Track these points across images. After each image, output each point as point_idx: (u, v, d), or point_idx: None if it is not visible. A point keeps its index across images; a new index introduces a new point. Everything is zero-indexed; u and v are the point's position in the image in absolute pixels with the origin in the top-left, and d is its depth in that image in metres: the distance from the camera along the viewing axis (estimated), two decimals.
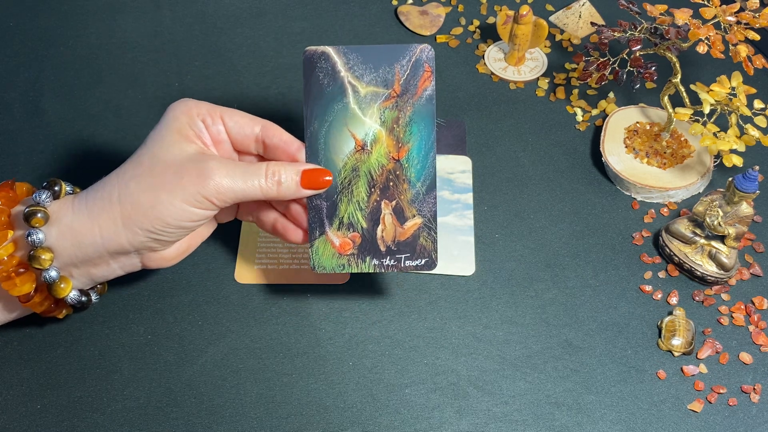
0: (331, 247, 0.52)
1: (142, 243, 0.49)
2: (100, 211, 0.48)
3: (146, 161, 0.48)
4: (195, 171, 0.47)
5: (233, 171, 0.48)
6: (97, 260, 0.50)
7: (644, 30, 0.65)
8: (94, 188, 0.49)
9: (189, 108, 0.50)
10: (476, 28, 0.80)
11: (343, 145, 0.51)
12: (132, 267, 0.52)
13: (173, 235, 0.49)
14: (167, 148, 0.49)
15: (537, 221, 0.64)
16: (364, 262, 0.53)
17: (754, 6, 0.61)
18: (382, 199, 0.52)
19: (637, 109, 0.71)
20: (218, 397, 0.54)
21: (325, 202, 0.51)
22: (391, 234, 0.52)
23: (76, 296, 0.51)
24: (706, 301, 0.59)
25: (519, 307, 0.59)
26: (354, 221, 0.52)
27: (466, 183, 0.66)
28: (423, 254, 0.53)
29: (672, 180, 0.65)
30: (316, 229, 0.52)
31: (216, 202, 0.48)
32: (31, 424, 0.52)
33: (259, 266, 0.60)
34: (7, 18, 0.80)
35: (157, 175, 0.48)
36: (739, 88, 0.60)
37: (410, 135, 0.51)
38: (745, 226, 0.58)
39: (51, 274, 0.48)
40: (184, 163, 0.48)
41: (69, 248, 0.48)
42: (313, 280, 0.60)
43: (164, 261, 0.52)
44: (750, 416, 0.53)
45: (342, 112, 0.51)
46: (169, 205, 0.47)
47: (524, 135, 0.70)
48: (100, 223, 0.48)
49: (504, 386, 0.55)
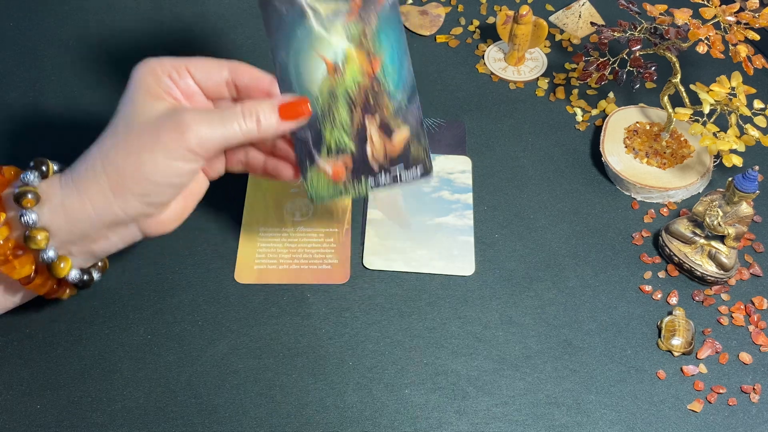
0: (324, 177, 0.51)
1: (136, 209, 0.48)
2: (88, 184, 0.47)
3: (121, 127, 0.48)
4: (171, 126, 0.47)
5: (210, 119, 0.47)
6: (95, 235, 0.49)
7: (644, 30, 0.65)
8: (78, 164, 0.49)
9: (152, 67, 0.49)
10: (476, 28, 0.80)
11: (314, 71, 0.50)
12: (132, 237, 0.51)
13: (165, 194, 0.48)
14: (139, 110, 0.48)
15: (537, 221, 0.64)
16: (360, 184, 0.52)
17: (754, 6, 0.61)
18: (366, 117, 0.51)
19: (637, 109, 0.71)
20: (218, 397, 0.54)
21: (309, 132, 0.50)
22: (382, 150, 0.52)
23: (77, 275, 0.50)
24: (706, 301, 0.59)
25: (519, 307, 0.59)
26: (342, 145, 0.51)
27: (466, 183, 0.66)
28: (417, 163, 0.52)
29: (672, 180, 0.65)
30: (306, 161, 0.51)
31: (200, 152, 0.47)
32: (31, 424, 0.52)
33: (259, 266, 0.60)
34: (7, 18, 0.80)
35: (134, 138, 0.47)
36: (739, 88, 0.60)
37: (380, 46, 0.50)
38: (744, 226, 0.58)
39: (49, 254, 0.48)
40: (159, 121, 0.47)
41: (64, 226, 0.48)
42: (312, 280, 0.60)
43: (163, 226, 0.51)
44: (750, 416, 0.53)
45: (306, 37, 0.49)
46: (153, 165, 0.46)
47: (524, 135, 0.70)
48: (90, 196, 0.47)
49: (503, 386, 0.55)
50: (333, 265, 0.61)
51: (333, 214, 0.63)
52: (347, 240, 0.62)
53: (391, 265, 0.61)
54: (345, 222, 0.63)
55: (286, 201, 0.64)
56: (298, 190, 0.65)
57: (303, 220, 0.63)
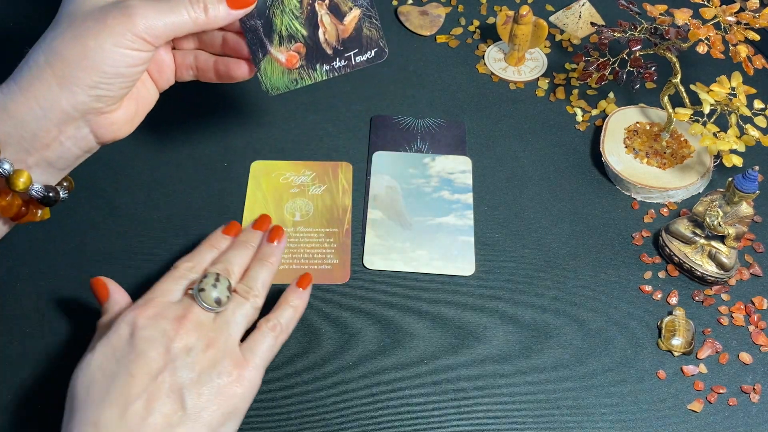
0: (278, 65, 0.51)
1: (84, 103, 0.46)
2: (31, 80, 0.45)
3: (64, 20, 0.46)
4: (118, 12, 0.45)
5: (158, 5, 0.46)
6: (45, 137, 0.46)
7: (644, 30, 0.65)
8: (19, 67, 0.47)
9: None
10: (476, 29, 0.80)
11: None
12: (85, 142, 0.48)
13: (114, 86, 0.46)
14: (82, 3, 0.46)
15: (537, 221, 0.64)
16: (315, 71, 0.52)
17: (754, 6, 0.61)
18: (315, 0, 0.50)
19: (637, 109, 0.71)
20: None
21: (259, 20, 0.50)
22: (334, 34, 0.51)
23: (40, 189, 0.48)
24: (706, 301, 0.59)
25: (519, 307, 0.59)
26: (293, 31, 0.51)
27: (466, 183, 0.66)
28: (371, 45, 0.52)
29: (672, 180, 0.65)
30: (258, 51, 0.51)
31: (149, 39, 0.46)
32: (31, 424, 0.52)
33: None
34: (7, 18, 0.79)
35: (78, 26, 0.45)
36: (739, 88, 0.60)
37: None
38: (745, 226, 0.58)
39: (4, 167, 0.46)
40: (104, 9, 0.46)
41: (12, 132, 0.46)
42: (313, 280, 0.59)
43: (116, 128, 0.49)
44: (750, 416, 0.53)
45: None
46: (100, 51, 0.45)
47: (524, 135, 0.70)
48: (35, 92, 0.45)
49: (504, 386, 0.55)
50: (333, 265, 0.61)
51: (333, 213, 0.64)
52: (347, 240, 0.62)
53: (391, 265, 0.61)
54: (345, 222, 0.63)
55: (286, 201, 0.64)
56: (298, 190, 0.65)
57: (303, 220, 0.63)
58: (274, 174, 0.66)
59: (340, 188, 0.65)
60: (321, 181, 0.66)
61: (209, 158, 0.67)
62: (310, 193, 0.65)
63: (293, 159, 0.67)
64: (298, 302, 0.52)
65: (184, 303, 0.48)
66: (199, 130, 0.69)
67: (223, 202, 0.64)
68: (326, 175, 0.66)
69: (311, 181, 0.66)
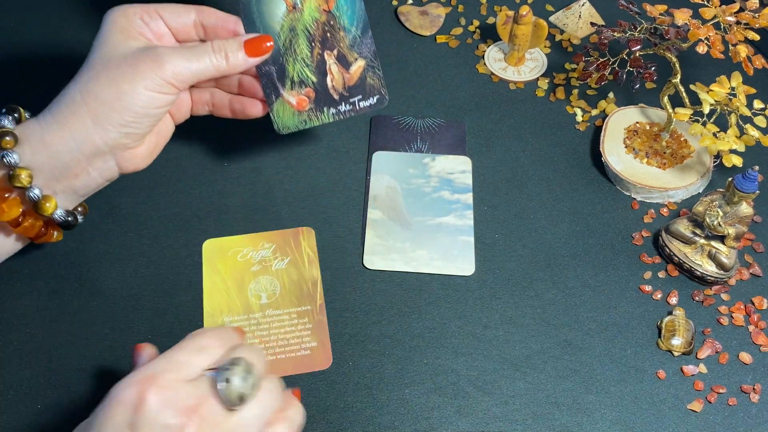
0: (289, 107, 0.57)
1: (115, 139, 0.50)
2: (68, 116, 0.49)
3: (98, 63, 0.50)
4: (149, 59, 0.50)
5: (184, 53, 0.51)
6: (76, 168, 0.51)
7: (644, 30, 0.65)
8: (56, 101, 0.51)
9: (124, 11, 0.52)
10: (476, 29, 0.80)
11: (275, 9, 0.54)
12: (110, 172, 0.53)
13: (143, 125, 0.51)
14: (115, 48, 0.51)
15: (537, 221, 0.64)
16: (322, 114, 0.58)
17: (754, 6, 0.61)
18: (324, 50, 0.56)
19: (636, 109, 0.71)
20: None
21: (273, 66, 0.55)
22: (341, 81, 0.57)
23: (62, 214, 0.52)
24: (706, 301, 0.59)
25: (519, 307, 0.59)
26: (304, 77, 0.56)
27: (466, 183, 0.66)
28: (373, 92, 0.58)
29: (672, 180, 0.65)
30: (272, 94, 0.56)
31: (176, 84, 0.50)
32: (31, 424, 0.52)
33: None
34: (7, 18, 0.79)
35: (113, 70, 0.50)
36: (739, 88, 0.60)
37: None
38: (744, 226, 0.58)
39: (35, 192, 0.50)
40: (136, 55, 0.50)
41: (46, 161, 0.50)
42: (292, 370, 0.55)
43: (137, 161, 0.53)
44: (750, 416, 0.53)
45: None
46: (132, 94, 0.49)
47: (524, 135, 0.70)
48: (71, 127, 0.49)
49: (504, 386, 0.55)
50: (312, 349, 0.56)
51: (302, 288, 0.58)
52: (323, 318, 0.57)
53: (391, 265, 0.61)
54: (317, 296, 0.58)
55: (248, 282, 0.59)
56: (258, 267, 0.59)
57: (271, 302, 0.58)
58: (231, 252, 0.60)
59: (305, 258, 0.60)
60: (283, 253, 0.60)
61: (210, 158, 0.67)
62: (274, 269, 0.59)
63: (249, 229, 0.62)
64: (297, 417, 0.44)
65: (200, 387, 0.40)
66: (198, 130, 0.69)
67: (222, 202, 0.64)
68: (287, 245, 0.61)
69: (272, 255, 0.60)
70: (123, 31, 0.51)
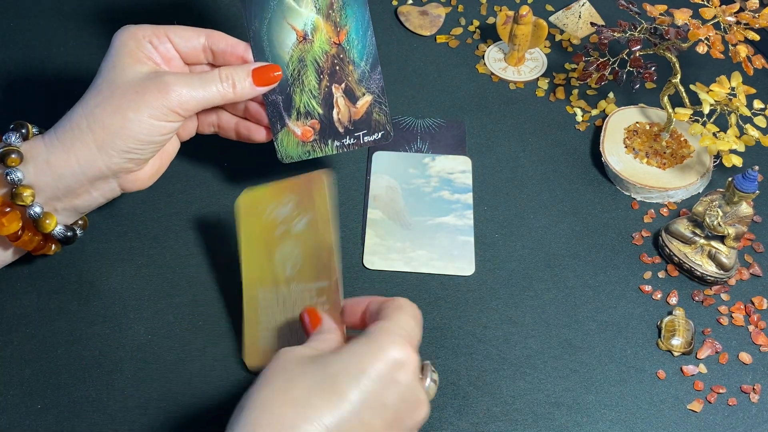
0: (294, 137, 0.56)
1: (119, 164, 0.51)
2: (73, 141, 0.50)
3: (105, 88, 0.51)
4: (155, 87, 0.50)
5: (190, 81, 0.51)
6: (79, 190, 0.51)
7: (644, 30, 0.65)
8: (61, 123, 0.51)
9: (133, 32, 0.53)
10: (476, 29, 0.80)
11: (285, 39, 0.54)
12: (111, 193, 0.54)
13: (146, 151, 0.51)
14: (122, 72, 0.51)
15: (537, 221, 0.64)
16: (327, 146, 0.57)
17: (754, 6, 0.61)
18: (332, 83, 0.56)
19: (636, 109, 0.71)
20: (218, 397, 0.54)
21: (280, 96, 0.55)
22: (347, 114, 0.57)
23: (61, 231, 0.53)
24: (706, 301, 0.59)
25: (519, 307, 0.59)
26: (310, 109, 0.56)
27: (466, 183, 0.66)
28: (378, 128, 0.58)
29: (672, 180, 0.65)
30: (277, 122, 0.56)
31: (181, 112, 0.50)
32: (31, 424, 0.52)
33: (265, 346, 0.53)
34: (7, 18, 0.79)
35: (119, 98, 0.50)
36: (739, 88, 0.60)
37: (346, 18, 0.54)
38: (744, 226, 0.58)
39: (35, 210, 0.50)
40: (142, 82, 0.50)
41: (50, 183, 0.50)
42: None
43: (140, 182, 0.54)
44: (750, 416, 0.53)
45: (279, 7, 0.54)
46: (138, 123, 0.49)
47: (524, 135, 0.70)
48: (75, 152, 0.50)
49: (504, 386, 0.55)
50: None
51: (319, 257, 0.51)
52: (338, 297, 0.50)
53: (391, 265, 0.61)
54: (332, 268, 0.51)
55: (274, 247, 0.53)
56: (283, 228, 0.53)
57: (294, 273, 0.52)
58: (259, 209, 0.54)
59: (319, 216, 0.52)
60: (302, 209, 0.52)
61: (210, 158, 0.67)
62: (294, 233, 0.52)
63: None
64: None
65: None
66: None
67: (222, 202, 0.64)
68: (306, 198, 0.52)
69: (293, 212, 0.53)
70: (131, 54, 0.51)
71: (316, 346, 0.44)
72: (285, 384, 0.40)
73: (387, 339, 0.42)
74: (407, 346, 0.42)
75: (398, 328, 0.43)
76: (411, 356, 0.42)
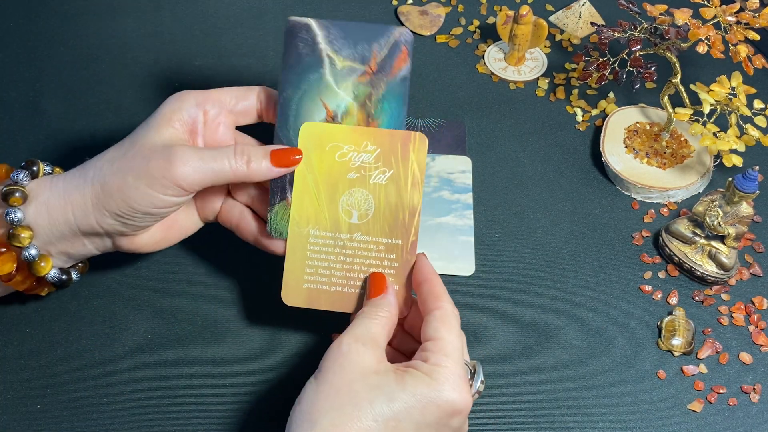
0: (288, 213, 0.51)
1: (111, 225, 0.49)
2: (74, 190, 0.49)
3: (126, 145, 0.49)
4: (162, 156, 0.47)
5: (202, 153, 0.48)
6: (72, 239, 0.50)
7: (644, 30, 0.65)
8: (76, 169, 0.50)
9: (184, 93, 0.51)
10: (476, 28, 0.80)
11: (314, 114, 0.51)
12: (106, 248, 0.52)
13: (140, 220, 0.49)
14: (147, 134, 0.49)
15: (537, 221, 0.64)
16: None
17: (754, 6, 0.61)
18: None
19: (637, 109, 0.71)
20: (218, 397, 0.54)
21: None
22: None
23: (56, 274, 0.51)
24: (706, 301, 0.59)
25: (519, 307, 0.59)
26: None
27: (466, 183, 0.66)
28: None
29: (672, 180, 0.65)
30: (278, 194, 0.52)
31: (184, 186, 0.48)
32: (31, 424, 0.52)
33: (309, 285, 0.52)
34: (7, 18, 0.80)
35: (129, 159, 0.48)
36: (739, 88, 0.60)
37: (381, 112, 0.51)
38: (745, 226, 0.58)
39: (31, 252, 0.49)
40: (154, 149, 0.48)
41: (45, 226, 0.49)
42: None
43: (137, 247, 0.52)
44: (750, 416, 0.53)
45: (317, 83, 0.51)
46: (135, 190, 0.47)
47: (524, 135, 0.70)
48: (72, 201, 0.49)
49: (504, 386, 0.55)
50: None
51: (398, 216, 0.51)
52: (412, 258, 0.50)
53: None
54: (412, 231, 0.51)
55: (342, 192, 0.51)
56: (357, 175, 0.51)
57: (361, 224, 0.51)
58: (329, 146, 0.51)
59: (409, 176, 0.50)
60: (386, 163, 0.50)
61: None
62: (372, 183, 0.51)
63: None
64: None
65: None
66: None
67: None
68: (393, 152, 0.51)
69: (374, 162, 0.51)
70: (165, 116, 0.50)
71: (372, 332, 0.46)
72: (353, 410, 0.42)
73: (447, 382, 0.44)
74: (464, 391, 0.44)
75: (455, 364, 0.45)
76: (466, 401, 0.44)
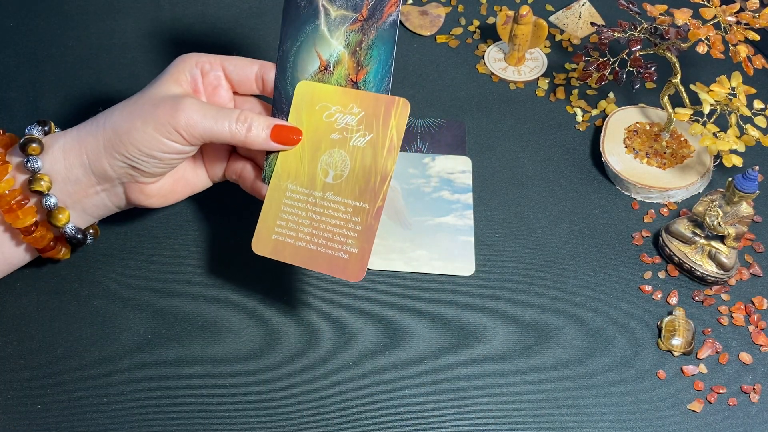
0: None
1: (121, 169, 0.51)
2: (87, 135, 0.52)
3: (136, 98, 0.52)
4: (170, 103, 0.50)
5: (206, 109, 0.51)
6: (87, 185, 0.52)
7: (644, 30, 0.65)
8: (89, 119, 0.53)
9: (189, 56, 0.54)
10: (476, 29, 0.80)
11: (308, 65, 0.54)
12: (118, 199, 0.54)
13: (147, 164, 0.51)
14: (158, 89, 0.52)
15: (537, 221, 0.64)
16: None
17: (754, 6, 0.61)
18: None
19: (637, 109, 0.71)
20: (218, 397, 0.54)
21: (286, 118, 0.54)
22: None
23: (73, 229, 0.53)
24: (706, 301, 0.59)
25: (519, 307, 0.59)
26: None
27: (466, 183, 0.66)
28: None
29: (672, 180, 0.65)
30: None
31: (185, 135, 0.50)
32: (31, 424, 0.52)
33: (277, 237, 0.52)
34: (7, 18, 0.80)
35: (138, 106, 0.51)
36: (739, 88, 0.60)
37: (370, 58, 0.53)
38: (744, 226, 0.58)
39: (51, 201, 0.51)
40: (164, 99, 0.51)
41: (61, 171, 0.51)
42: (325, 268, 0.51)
43: (146, 198, 0.54)
44: (750, 416, 0.53)
45: (312, 33, 0.54)
46: (142, 132, 0.50)
47: (524, 135, 0.70)
48: (86, 144, 0.51)
49: (504, 386, 0.55)
50: (351, 255, 0.50)
51: (369, 180, 0.51)
52: (375, 223, 0.50)
53: (390, 265, 0.61)
54: (380, 196, 0.51)
55: (323, 150, 0.52)
56: (339, 136, 0.53)
57: (335, 183, 0.52)
58: (319, 106, 0.53)
59: (387, 141, 0.52)
60: (368, 126, 0.52)
61: None
62: (351, 145, 0.52)
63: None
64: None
65: None
66: None
67: (224, 201, 0.64)
68: (376, 116, 0.52)
69: (357, 125, 0.52)
70: (173, 75, 0.53)
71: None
72: None
73: None
74: None
75: None
76: None
